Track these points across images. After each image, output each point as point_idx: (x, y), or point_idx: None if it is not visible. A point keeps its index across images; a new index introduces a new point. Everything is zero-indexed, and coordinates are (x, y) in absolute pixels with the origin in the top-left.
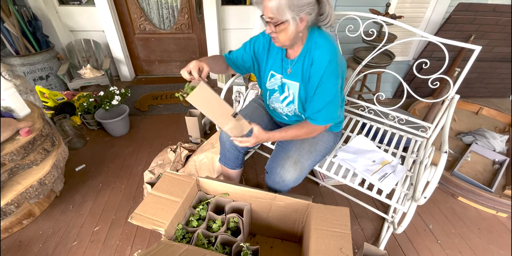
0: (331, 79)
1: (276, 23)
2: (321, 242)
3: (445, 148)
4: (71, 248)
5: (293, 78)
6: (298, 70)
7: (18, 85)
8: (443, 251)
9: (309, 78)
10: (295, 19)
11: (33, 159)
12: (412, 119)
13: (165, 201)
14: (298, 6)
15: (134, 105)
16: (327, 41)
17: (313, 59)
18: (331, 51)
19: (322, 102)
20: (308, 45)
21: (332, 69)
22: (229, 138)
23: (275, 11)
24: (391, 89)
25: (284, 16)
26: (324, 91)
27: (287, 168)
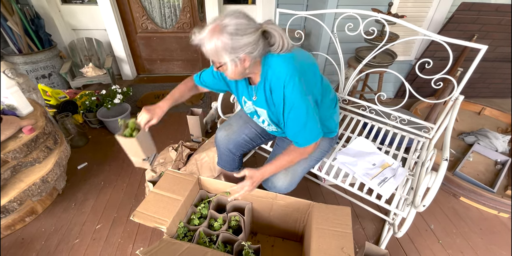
0: (297, 101)
1: (217, 66)
2: (323, 241)
3: (445, 155)
4: (73, 246)
5: (260, 105)
6: (262, 97)
7: (21, 84)
8: (444, 251)
9: (274, 105)
10: (234, 61)
11: (35, 157)
12: (414, 120)
13: (167, 199)
14: (235, 49)
15: (136, 104)
16: (281, 61)
17: (271, 85)
18: (286, 71)
19: (297, 126)
20: (265, 71)
21: (294, 90)
22: (223, 141)
23: (213, 54)
24: (393, 89)
25: (222, 59)
26: (295, 115)
27: (278, 176)
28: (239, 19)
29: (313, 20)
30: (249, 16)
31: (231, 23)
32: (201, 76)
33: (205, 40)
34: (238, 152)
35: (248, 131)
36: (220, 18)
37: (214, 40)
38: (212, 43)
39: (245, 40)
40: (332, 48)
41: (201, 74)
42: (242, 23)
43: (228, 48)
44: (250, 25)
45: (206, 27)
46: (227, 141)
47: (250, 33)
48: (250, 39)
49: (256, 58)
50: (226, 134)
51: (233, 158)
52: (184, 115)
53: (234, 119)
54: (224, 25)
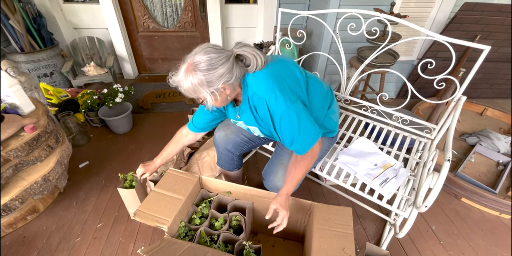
0: (284, 112)
1: (199, 101)
2: (324, 242)
3: (448, 156)
4: (75, 244)
5: (249, 123)
6: (249, 116)
7: (23, 82)
8: (445, 252)
9: (263, 120)
10: (214, 94)
11: (37, 155)
12: (416, 120)
13: (168, 198)
14: (212, 82)
15: (137, 103)
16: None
17: (254, 104)
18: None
19: (291, 134)
20: (245, 91)
21: (277, 102)
22: (222, 141)
23: (192, 92)
24: (395, 89)
25: (201, 95)
26: (286, 125)
27: (279, 176)
28: (209, 53)
29: (315, 19)
30: (218, 47)
31: (201, 59)
32: (194, 122)
33: (181, 81)
34: (237, 151)
35: (246, 132)
36: (190, 56)
37: (190, 79)
38: (188, 82)
39: (219, 72)
40: (334, 47)
41: (192, 120)
42: (212, 57)
43: (204, 83)
44: (221, 56)
45: (180, 68)
46: (225, 141)
47: (222, 63)
48: (223, 69)
49: (235, 84)
50: (225, 134)
51: (232, 157)
52: (185, 114)
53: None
54: (196, 63)
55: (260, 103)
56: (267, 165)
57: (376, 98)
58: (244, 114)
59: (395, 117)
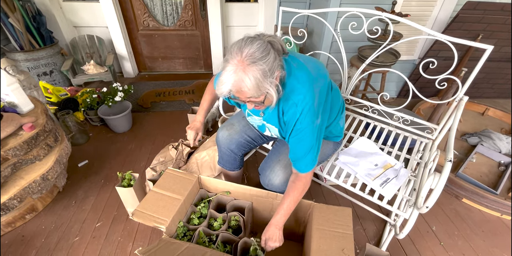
0: (307, 128)
1: (259, 100)
2: (323, 242)
3: (449, 156)
4: (73, 244)
5: (271, 123)
6: (273, 116)
7: (22, 81)
8: (446, 253)
9: (285, 124)
10: (273, 83)
11: (36, 154)
12: (417, 120)
13: (167, 198)
14: (271, 69)
15: (137, 102)
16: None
17: (284, 108)
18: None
19: (300, 152)
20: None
21: (306, 117)
22: (225, 141)
23: (255, 89)
24: (396, 89)
25: (264, 89)
26: (300, 141)
27: (276, 172)
28: (255, 41)
29: (316, 18)
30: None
31: (253, 48)
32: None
33: (242, 81)
34: (240, 152)
35: (250, 132)
36: (235, 54)
37: (251, 74)
38: (251, 77)
39: (272, 57)
40: (334, 47)
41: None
42: (260, 43)
43: (267, 73)
44: (263, 41)
45: (226, 73)
46: (229, 141)
47: (269, 48)
48: (273, 53)
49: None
50: (228, 134)
51: (235, 158)
52: (185, 113)
53: (236, 118)
54: (250, 55)
55: (292, 110)
56: (264, 161)
57: (377, 97)
58: (268, 113)
59: (396, 117)
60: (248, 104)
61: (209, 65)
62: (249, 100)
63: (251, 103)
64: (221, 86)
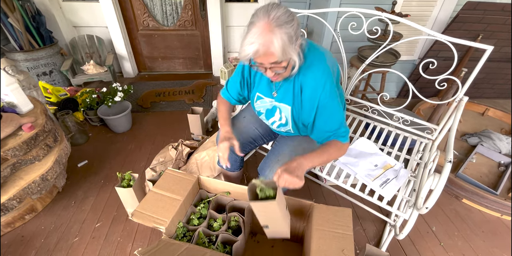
0: (333, 99)
1: (282, 65)
2: (323, 243)
3: (449, 157)
4: (73, 244)
5: (284, 101)
6: (288, 93)
7: (22, 81)
8: (446, 253)
9: (303, 102)
10: (296, 50)
11: (35, 154)
12: (417, 120)
13: (166, 199)
14: (296, 35)
15: (137, 102)
16: (317, 56)
17: (303, 82)
18: (322, 69)
19: (335, 121)
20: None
21: (329, 89)
22: None
23: (281, 55)
24: (396, 89)
25: (289, 55)
26: (330, 113)
27: (275, 171)
28: (280, 7)
29: (316, 18)
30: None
31: (279, 13)
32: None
33: (271, 42)
34: (241, 152)
35: (251, 132)
36: (262, 16)
37: (279, 36)
38: (279, 39)
39: (296, 24)
40: (334, 47)
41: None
42: (285, 8)
43: (292, 38)
44: (288, 9)
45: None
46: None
47: (294, 15)
48: (297, 21)
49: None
50: None
51: (235, 158)
52: (185, 114)
53: (237, 119)
54: (275, 18)
55: (313, 86)
56: (263, 161)
57: (377, 98)
58: (282, 90)
59: (396, 118)
60: (268, 72)
61: (209, 65)
62: (271, 66)
63: (272, 71)
64: (247, 46)
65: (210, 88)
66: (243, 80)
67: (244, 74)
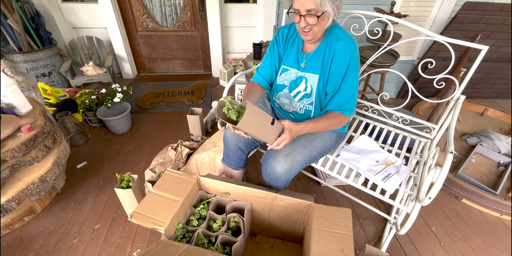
0: (354, 71)
1: (315, 15)
2: (323, 243)
3: (450, 148)
4: (72, 245)
5: (312, 71)
6: (317, 63)
7: (20, 82)
8: (445, 253)
9: (331, 70)
10: (333, 8)
11: (34, 156)
12: (416, 120)
13: (166, 200)
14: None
15: (136, 103)
16: (346, 34)
17: (335, 51)
18: (352, 43)
19: (348, 93)
20: (329, 38)
21: (355, 61)
22: (233, 138)
23: (319, 2)
24: (395, 89)
25: (325, 7)
26: (350, 83)
27: (278, 160)
28: None
29: None
30: None
31: None
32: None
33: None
34: (247, 149)
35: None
36: None
37: None
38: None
39: None
40: None
41: (259, 72)
42: None
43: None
44: None
45: None
46: (237, 139)
47: None
48: None
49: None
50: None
51: (241, 156)
52: (184, 114)
53: None
54: None
55: (345, 55)
56: (266, 152)
57: (376, 98)
58: (311, 61)
59: (395, 117)
60: (301, 21)
61: (208, 66)
62: (306, 13)
63: (305, 20)
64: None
65: (210, 89)
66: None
67: (274, 49)
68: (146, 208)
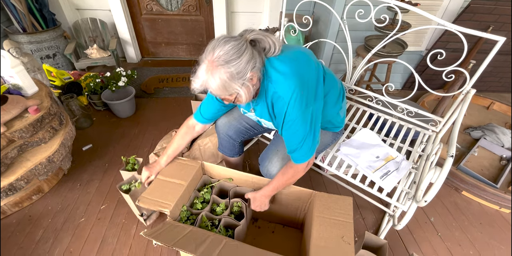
0: (298, 118)
1: (229, 99)
2: (323, 230)
3: (451, 151)
4: (79, 224)
5: (264, 117)
6: (264, 110)
7: (26, 63)
8: (442, 243)
9: (275, 117)
10: (245, 85)
11: (41, 137)
12: (422, 112)
13: (171, 184)
14: (241, 72)
15: (140, 87)
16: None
17: (272, 100)
18: (288, 88)
19: (294, 141)
20: (265, 84)
21: (295, 106)
22: (223, 127)
23: (222, 90)
24: (401, 80)
25: (233, 90)
26: (293, 131)
27: (274, 163)
28: (229, 42)
29: (323, 5)
30: (231, 35)
31: (224, 50)
32: (202, 112)
33: (208, 81)
34: (238, 138)
35: (249, 119)
36: (208, 54)
37: (218, 75)
38: (216, 79)
39: (245, 58)
40: (341, 35)
41: (200, 110)
42: (234, 45)
43: (234, 76)
44: (240, 42)
45: (199, 70)
46: (227, 128)
47: (245, 49)
48: (247, 55)
49: (260, 70)
50: (227, 120)
51: (233, 144)
52: (188, 100)
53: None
54: (219, 57)
55: (280, 103)
56: (264, 151)
57: (382, 89)
58: (259, 107)
59: (400, 109)
60: (224, 100)
61: None
62: (221, 97)
63: (226, 100)
64: (195, 80)
65: None
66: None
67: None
68: (153, 193)
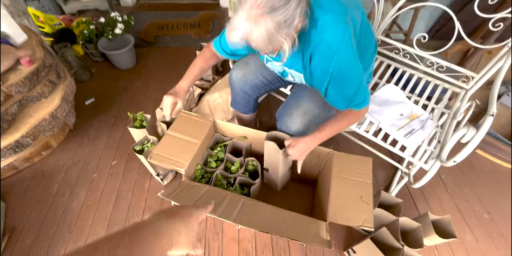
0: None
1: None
2: (342, 189)
3: (492, 110)
4: (93, 179)
5: (295, 68)
6: (297, 61)
7: (8, 6)
8: (451, 199)
9: (312, 72)
10: (290, 34)
11: (40, 91)
12: (454, 67)
13: (183, 142)
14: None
15: (139, 35)
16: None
17: (313, 51)
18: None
19: (351, 89)
20: (307, 32)
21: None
22: (239, 82)
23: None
24: (424, 29)
25: (278, 41)
26: (347, 79)
27: (294, 119)
28: None
29: None
30: None
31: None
32: (223, 45)
33: (252, 33)
34: (254, 94)
35: (267, 73)
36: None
37: (264, 25)
38: (262, 29)
39: (294, 3)
40: None
41: (221, 42)
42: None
43: (282, 25)
44: None
45: (236, 19)
46: (243, 82)
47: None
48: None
49: (307, 13)
50: (243, 74)
51: (249, 100)
52: (192, 50)
53: (252, 56)
54: (266, 2)
55: (325, 56)
56: (282, 106)
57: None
58: (291, 57)
59: (430, 63)
60: (260, 51)
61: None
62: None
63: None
64: (231, 32)
65: (218, 21)
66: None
67: None
68: (164, 149)
